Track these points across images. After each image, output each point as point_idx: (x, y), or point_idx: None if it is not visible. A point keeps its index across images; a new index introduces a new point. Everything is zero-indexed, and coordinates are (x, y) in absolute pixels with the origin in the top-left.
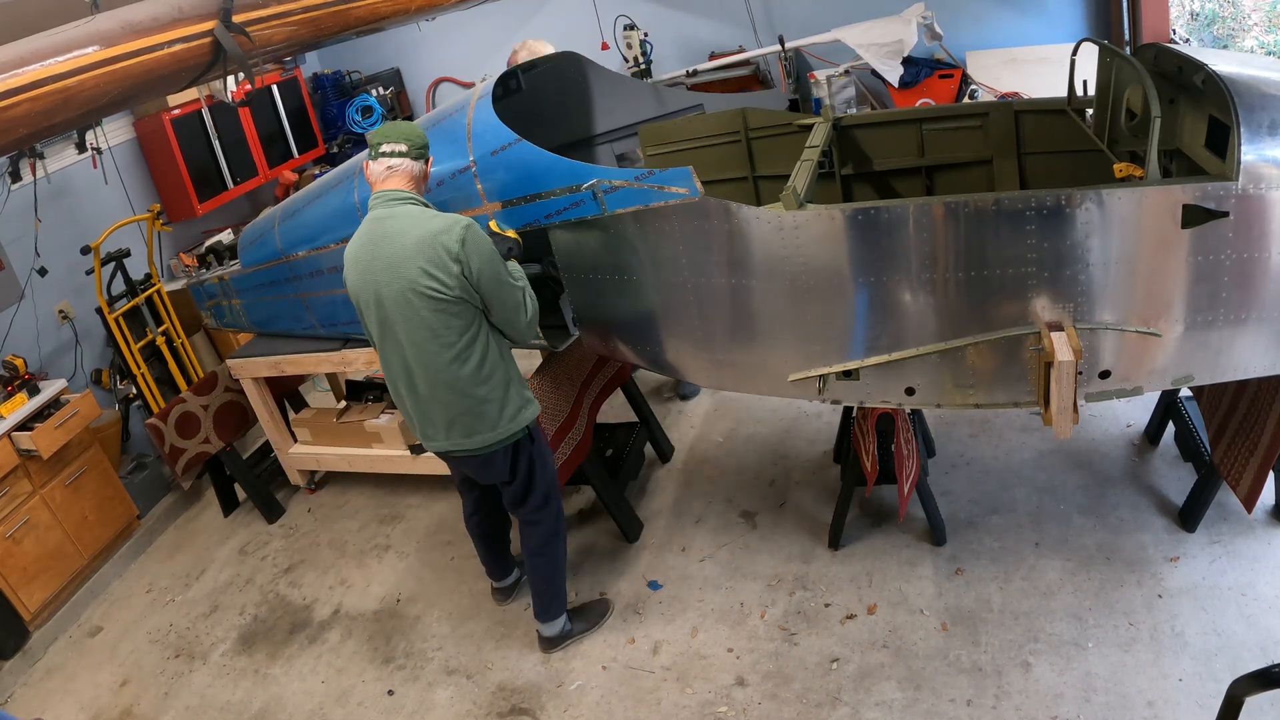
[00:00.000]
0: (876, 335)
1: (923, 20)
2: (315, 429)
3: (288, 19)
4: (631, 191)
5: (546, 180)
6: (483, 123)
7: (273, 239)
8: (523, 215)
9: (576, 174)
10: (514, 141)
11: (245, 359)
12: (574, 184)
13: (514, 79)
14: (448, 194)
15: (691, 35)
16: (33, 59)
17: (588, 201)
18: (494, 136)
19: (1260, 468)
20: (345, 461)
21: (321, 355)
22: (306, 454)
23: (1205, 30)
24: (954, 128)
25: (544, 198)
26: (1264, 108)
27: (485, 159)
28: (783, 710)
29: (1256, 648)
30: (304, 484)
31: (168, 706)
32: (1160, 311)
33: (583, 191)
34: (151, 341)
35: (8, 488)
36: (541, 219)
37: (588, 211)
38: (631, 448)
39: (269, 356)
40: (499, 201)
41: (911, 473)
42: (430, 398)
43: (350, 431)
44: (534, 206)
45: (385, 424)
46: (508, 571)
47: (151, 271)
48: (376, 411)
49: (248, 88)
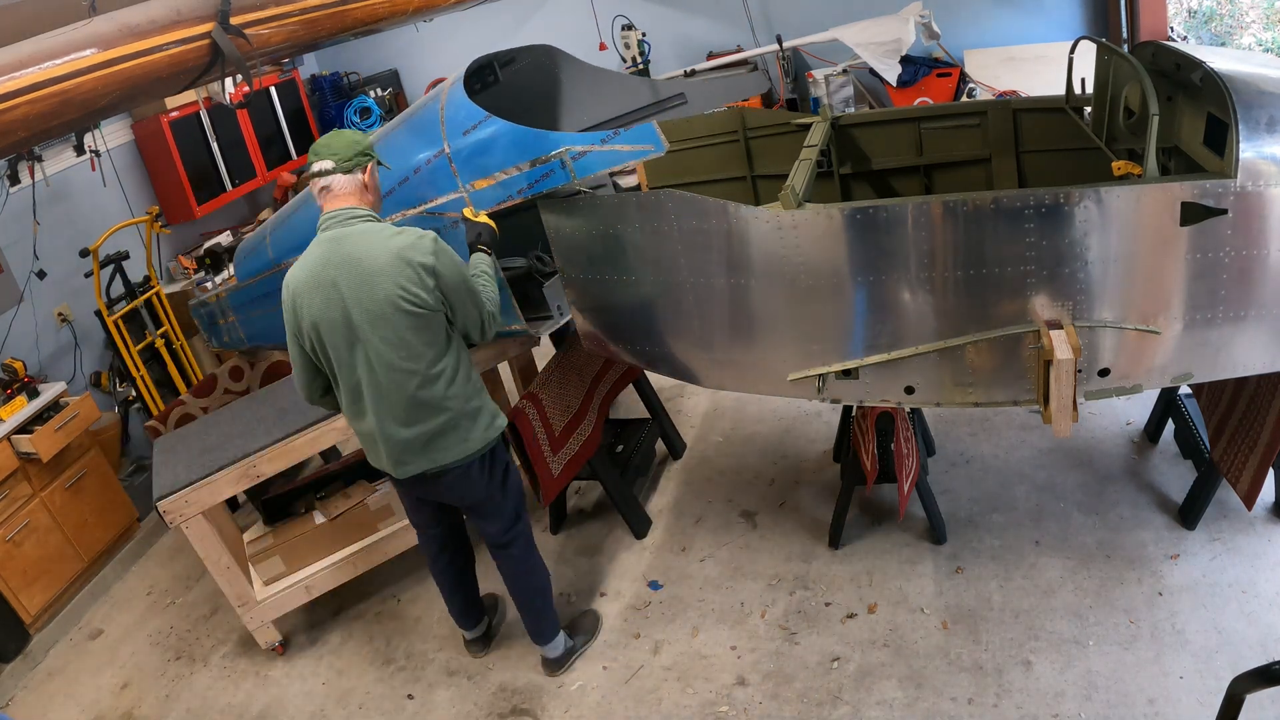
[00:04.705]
0: (876, 334)
1: (920, 19)
2: (288, 553)
3: (286, 20)
4: (599, 155)
5: (517, 154)
6: (454, 104)
7: (265, 250)
8: (496, 194)
9: (546, 143)
10: (484, 119)
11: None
12: (543, 154)
13: (490, 71)
14: (425, 181)
15: (689, 35)
16: (31, 62)
17: (557, 171)
18: (465, 117)
19: (1260, 465)
20: (349, 567)
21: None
22: (286, 590)
23: (1203, 27)
24: (952, 126)
25: (516, 172)
26: (1262, 105)
27: (458, 140)
28: (784, 709)
29: (1257, 645)
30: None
31: (169, 709)
32: (1159, 309)
33: (551, 161)
34: (151, 344)
35: (7, 491)
36: (515, 194)
37: (558, 181)
38: (642, 444)
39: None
40: (474, 181)
41: (911, 471)
42: (406, 419)
43: (347, 526)
44: (507, 182)
45: (391, 490)
46: (480, 617)
47: (150, 274)
48: (362, 492)
49: (246, 89)
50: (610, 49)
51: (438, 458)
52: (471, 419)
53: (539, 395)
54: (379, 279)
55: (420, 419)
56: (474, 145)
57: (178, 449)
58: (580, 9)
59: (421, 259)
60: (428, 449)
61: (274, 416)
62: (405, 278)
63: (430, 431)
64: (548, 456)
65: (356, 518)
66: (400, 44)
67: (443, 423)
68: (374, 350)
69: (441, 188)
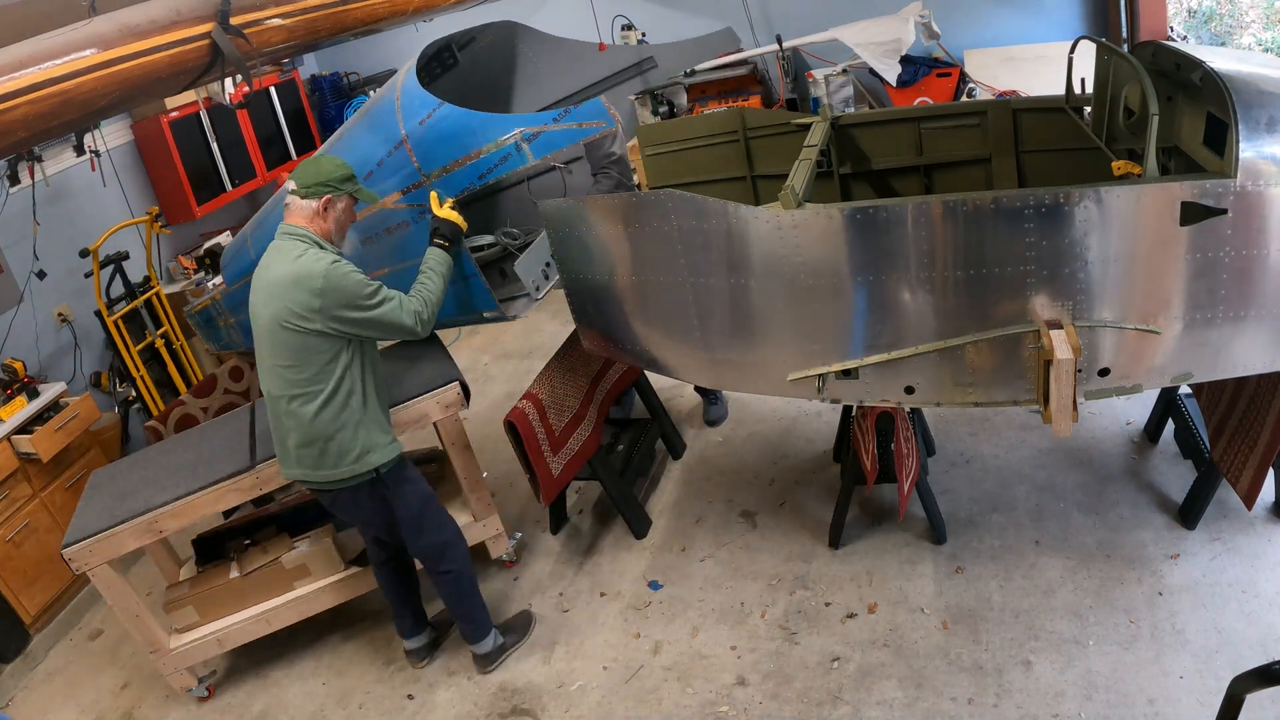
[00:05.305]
0: (876, 334)
1: (920, 19)
2: (201, 604)
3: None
4: (552, 135)
5: (474, 140)
6: (409, 93)
7: (247, 252)
8: (458, 181)
9: (500, 126)
10: (437, 106)
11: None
12: (498, 138)
13: (449, 53)
14: (388, 173)
15: (689, 35)
16: (31, 62)
17: (514, 154)
18: (420, 105)
19: (1260, 464)
20: (263, 623)
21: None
22: (200, 641)
23: (1203, 27)
24: (952, 126)
25: (474, 158)
26: (1262, 105)
27: (415, 130)
28: (784, 709)
29: (1257, 644)
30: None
31: (169, 709)
32: (1159, 309)
33: (507, 145)
34: (151, 344)
35: (8, 491)
36: (475, 180)
37: (515, 164)
38: (642, 444)
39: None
40: (435, 170)
41: (911, 471)
42: (278, 424)
43: (262, 582)
44: (467, 170)
45: (309, 550)
46: (419, 628)
47: (150, 274)
48: (283, 546)
49: (245, 90)
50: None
51: (307, 473)
52: (340, 447)
53: (539, 395)
54: (274, 293)
55: (289, 428)
56: (430, 134)
57: (104, 488)
58: (580, 9)
59: (309, 286)
60: (298, 459)
61: (189, 466)
62: (292, 300)
63: (297, 443)
64: (548, 456)
65: (271, 575)
66: (400, 44)
67: (305, 439)
68: (268, 351)
69: (404, 178)
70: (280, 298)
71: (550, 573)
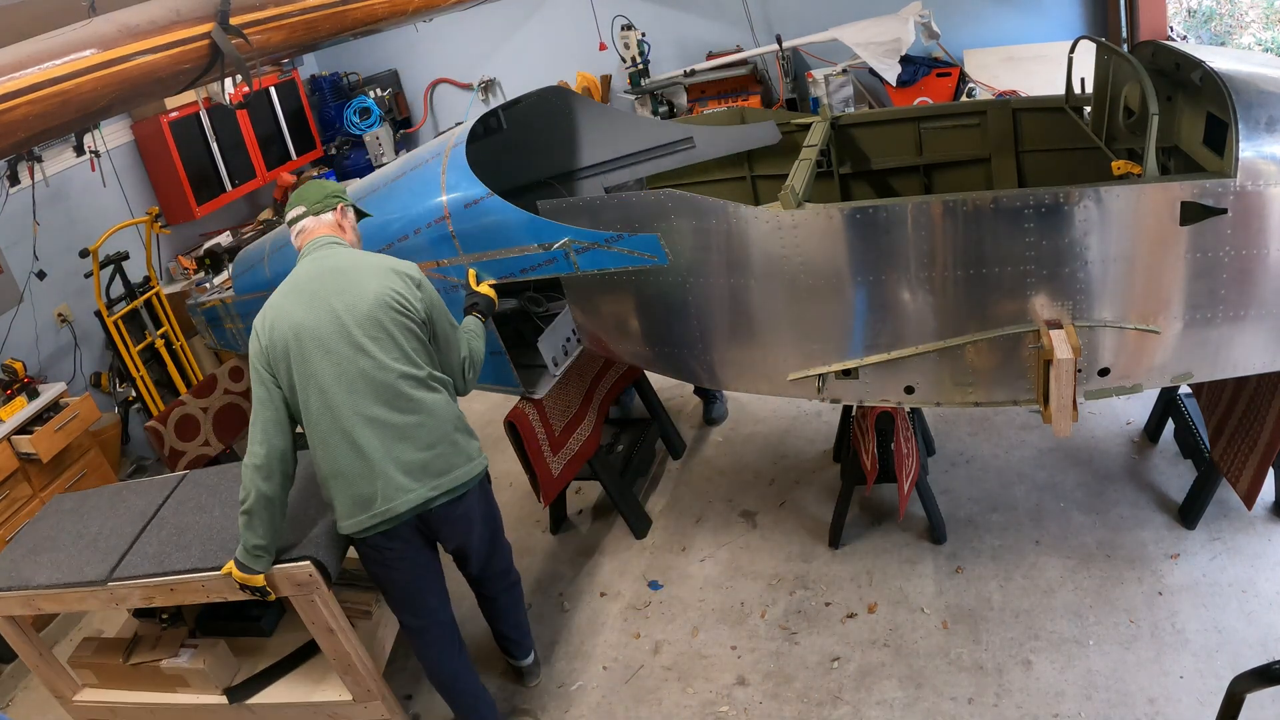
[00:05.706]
0: (875, 334)
1: (920, 19)
2: (100, 671)
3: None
4: (601, 253)
5: (520, 236)
6: (457, 170)
7: (263, 270)
8: (499, 268)
9: (548, 232)
10: (485, 196)
11: None
12: (546, 241)
13: (494, 118)
14: (425, 240)
15: (689, 35)
16: (31, 62)
17: (560, 260)
18: (467, 187)
19: (1260, 464)
20: (148, 714)
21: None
22: (99, 703)
23: (1203, 27)
24: (952, 126)
25: (518, 253)
26: (1262, 104)
27: (459, 210)
28: (784, 709)
29: (1257, 644)
30: None
31: None
32: (1159, 309)
33: (555, 250)
34: (151, 344)
35: (7, 491)
36: (517, 273)
37: (561, 269)
38: (642, 444)
39: (21, 591)
40: (475, 253)
41: (911, 471)
42: (399, 435)
43: (144, 675)
44: (508, 262)
45: (187, 664)
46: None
47: (150, 274)
48: (174, 644)
49: (245, 90)
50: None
51: (439, 482)
52: (467, 436)
53: None
54: (368, 281)
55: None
56: (474, 220)
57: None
58: (580, 9)
59: (409, 272)
60: (426, 468)
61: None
62: (395, 282)
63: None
64: (548, 456)
65: (151, 672)
66: (400, 44)
67: (437, 435)
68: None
69: (441, 253)
70: (380, 278)
71: (550, 573)
